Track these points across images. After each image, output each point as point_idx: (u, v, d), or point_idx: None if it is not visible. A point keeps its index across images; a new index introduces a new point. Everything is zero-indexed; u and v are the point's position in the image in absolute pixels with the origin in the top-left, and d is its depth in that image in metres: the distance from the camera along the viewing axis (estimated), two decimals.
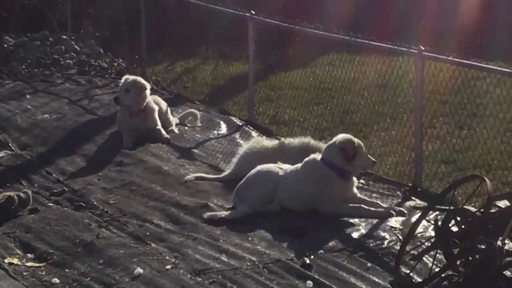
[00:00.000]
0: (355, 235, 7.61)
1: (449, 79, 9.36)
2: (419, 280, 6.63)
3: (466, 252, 6.46)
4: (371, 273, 6.81)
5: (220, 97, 13.18)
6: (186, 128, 11.36)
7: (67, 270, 6.99)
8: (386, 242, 7.41)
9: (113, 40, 17.11)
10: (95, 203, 8.56)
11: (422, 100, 8.96)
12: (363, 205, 8.02)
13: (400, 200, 8.55)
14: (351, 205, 8.03)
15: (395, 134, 10.68)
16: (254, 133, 11.03)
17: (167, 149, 10.39)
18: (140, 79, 10.83)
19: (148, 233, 7.72)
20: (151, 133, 10.69)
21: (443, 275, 6.53)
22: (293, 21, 11.09)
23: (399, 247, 7.05)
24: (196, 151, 10.35)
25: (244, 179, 8.32)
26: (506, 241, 6.18)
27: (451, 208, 6.72)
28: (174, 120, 11.33)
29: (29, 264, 7.16)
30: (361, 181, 8.84)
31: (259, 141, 9.46)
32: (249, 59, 11.74)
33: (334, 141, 8.11)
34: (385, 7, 17.02)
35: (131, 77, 10.86)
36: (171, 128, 11.07)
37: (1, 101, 12.84)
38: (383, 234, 7.58)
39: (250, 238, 7.54)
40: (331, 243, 7.40)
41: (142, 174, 9.41)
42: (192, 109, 11.79)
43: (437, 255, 6.73)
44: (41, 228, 7.87)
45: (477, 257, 6.30)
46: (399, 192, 8.77)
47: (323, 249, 7.27)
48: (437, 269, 6.63)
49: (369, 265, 6.96)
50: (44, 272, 6.99)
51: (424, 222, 7.34)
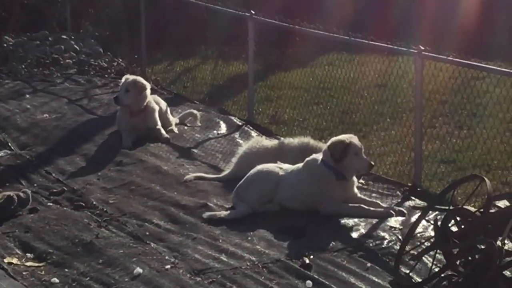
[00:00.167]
0: (355, 235, 7.60)
1: (449, 79, 9.35)
2: (419, 280, 6.62)
3: (465, 252, 6.46)
4: (371, 273, 6.80)
5: (219, 97, 13.17)
6: (185, 127, 11.35)
7: (66, 269, 6.98)
8: (385, 242, 7.41)
9: (112, 39, 17.09)
10: (94, 202, 8.56)
11: (421, 100, 8.96)
12: (362, 205, 8.02)
13: (399, 200, 8.54)
14: (350, 205, 8.03)
15: (394, 134, 10.68)
16: (253, 133, 11.02)
17: (167, 148, 10.39)
18: (140, 79, 10.83)
19: (147, 233, 7.71)
20: (151, 133, 10.69)
21: (442, 275, 6.53)
22: (293, 21, 11.08)
23: (398, 247, 7.05)
24: (195, 150, 10.35)
25: (244, 179, 8.32)
26: (505, 241, 6.18)
27: (451, 208, 6.72)
28: (173, 120, 11.33)
29: (29, 263, 7.15)
30: (361, 181, 8.83)
31: (258, 141, 9.45)
32: (249, 59, 11.73)
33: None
34: (385, 7, 17.01)
35: (131, 77, 10.86)
36: (170, 127, 11.06)
37: (0, 100, 12.83)
38: (382, 234, 7.57)
39: (249, 238, 7.53)
40: (331, 243, 7.39)
41: (141, 173, 9.41)
42: (192, 110, 11.78)
43: (437, 255, 6.72)
44: (40, 227, 7.86)
45: (477, 257, 6.30)
46: (398, 192, 8.77)
47: (323, 249, 7.26)
48: (436, 269, 6.62)
49: (369, 265, 6.95)
50: (43, 271, 6.99)
51: (423, 222, 7.34)
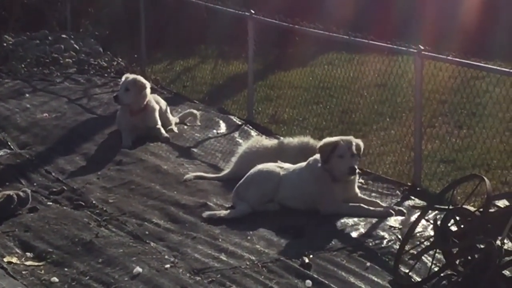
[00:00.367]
0: (354, 234, 7.60)
1: (449, 79, 9.35)
2: (418, 279, 6.63)
3: (465, 251, 6.46)
4: (370, 273, 6.81)
5: (219, 96, 13.17)
6: (185, 127, 11.35)
7: (66, 269, 6.98)
8: (385, 241, 7.41)
9: (112, 39, 17.10)
10: (94, 202, 8.56)
11: (421, 99, 8.96)
12: (362, 205, 8.02)
13: (399, 199, 8.54)
14: (350, 204, 8.03)
15: (394, 133, 10.68)
16: (253, 132, 11.03)
17: (167, 148, 10.39)
18: (140, 78, 10.83)
19: (147, 232, 7.72)
20: (151, 132, 10.69)
21: (442, 275, 6.53)
22: (293, 21, 11.08)
23: (398, 247, 7.05)
24: (195, 150, 10.35)
25: (244, 178, 8.32)
26: (505, 241, 6.19)
27: (450, 207, 6.72)
28: (173, 119, 11.33)
29: (28, 263, 7.15)
30: (361, 180, 8.83)
31: (258, 140, 9.46)
32: (249, 58, 11.74)
33: None
34: (386, 6, 17.02)
35: (131, 76, 10.86)
36: (170, 127, 11.07)
37: (0, 100, 12.84)
38: (382, 233, 7.57)
39: (249, 237, 7.53)
40: (330, 243, 7.40)
41: (141, 173, 9.41)
42: (192, 109, 11.78)
43: (436, 255, 6.73)
44: (40, 227, 7.86)
45: (476, 256, 6.30)
46: (398, 191, 8.77)
47: (322, 249, 7.26)
48: (436, 269, 6.62)
49: (368, 264, 6.96)
50: (43, 271, 6.99)
51: (423, 221, 7.34)
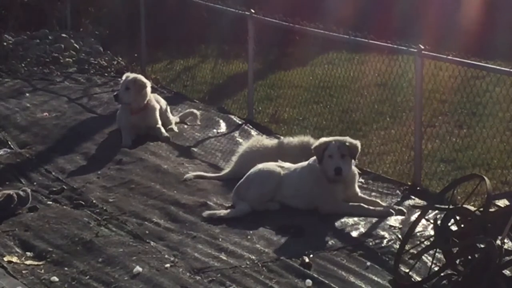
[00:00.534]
0: (355, 234, 7.60)
1: (449, 78, 9.36)
2: (418, 279, 6.62)
3: (465, 251, 6.45)
4: (370, 272, 6.81)
5: (219, 96, 13.17)
6: (185, 126, 11.35)
7: (66, 268, 6.98)
8: (385, 241, 7.41)
9: (112, 38, 17.09)
10: (94, 201, 8.56)
11: (421, 99, 8.96)
12: (362, 204, 8.02)
13: (399, 199, 8.55)
14: (350, 204, 8.03)
15: (394, 133, 10.68)
16: (253, 132, 11.02)
17: (167, 147, 10.39)
18: (140, 77, 10.83)
19: (147, 232, 7.71)
20: (151, 132, 10.69)
21: (442, 274, 6.52)
22: (293, 20, 11.08)
23: (398, 246, 7.05)
24: (195, 149, 10.35)
25: (244, 178, 8.31)
26: (505, 240, 6.18)
27: (451, 207, 6.71)
28: (173, 118, 11.33)
29: (28, 262, 7.15)
30: (361, 179, 8.82)
31: (258, 140, 9.46)
32: (249, 58, 11.73)
33: None
34: (386, 6, 17.02)
35: (132, 75, 10.87)
36: (170, 126, 11.06)
37: (0, 99, 12.83)
38: (382, 233, 7.57)
39: (249, 236, 7.53)
40: (331, 242, 7.40)
41: (141, 172, 9.41)
42: (192, 109, 11.78)
43: (437, 254, 6.73)
44: (40, 226, 7.86)
45: (477, 256, 6.30)
46: (398, 191, 8.77)
47: (323, 248, 7.26)
48: (436, 268, 6.61)
49: (368, 264, 6.96)
50: (43, 270, 6.98)
51: (423, 221, 7.34)
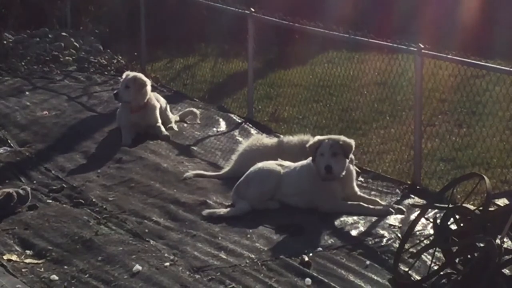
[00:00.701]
0: (354, 232, 7.60)
1: (448, 77, 9.36)
2: (418, 278, 6.63)
3: (465, 250, 6.45)
4: (370, 271, 6.81)
5: (219, 95, 13.16)
6: (185, 125, 11.35)
7: (66, 266, 6.98)
8: (385, 240, 7.41)
9: (112, 37, 17.08)
10: (94, 200, 8.56)
11: (421, 98, 8.96)
12: (362, 203, 8.02)
13: (399, 198, 8.55)
14: (350, 202, 8.03)
15: (394, 132, 10.67)
16: (253, 131, 11.02)
17: (166, 146, 10.38)
18: (140, 76, 10.83)
19: (147, 230, 7.72)
20: (151, 130, 10.69)
21: (441, 273, 6.53)
22: (293, 19, 11.08)
23: (398, 245, 7.04)
24: (195, 148, 10.35)
25: (244, 176, 8.31)
26: (505, 239, 6.18)
27: (450, 206, 6.72)
28: (173, 117, 11.33)
29: (28, 260, 7.15)
30: (360, 178, 8.83)
31: (258, 138, 9.46)
32: (249, 57, 11.73)
33: None
34: (387, 5, 17.01)
35: (132, 73, 10.87)
36: (170, 125, 11.06)
37: (0, 97, 12.83)
38: (382, 232, 7.58)
39: (249, 235, 7.53)
40: (330, 241, 7.40)
41: (141, 171, 9.41)
42: (192, 108, 11.77)
43: (436, 253, 6.72)
44: (40, 224, 7.87)
45: (476, 255, 6.30)
46: (398, 190, 8.77)
47: (322, 247, 7.27)
48: (435, 267, 6.62)
49: (368, 262, 6.96)
50: (43, 268, 6.99)
51: (423, 220, 7.33)
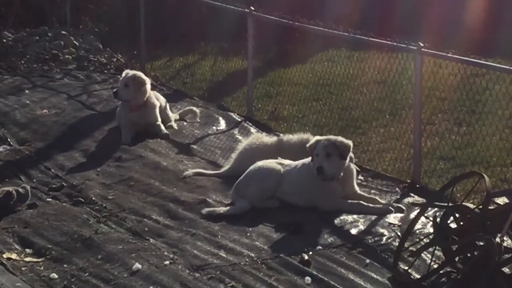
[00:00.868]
0: (354, 231, 7.60)
1: (448, 76, 9.35)
2: (418, 276, 6.63)
3: (464, 248, 6.46)
4: (370, 269, 6.81)
5: (219, 93, 13.16)
6: (185, 123, 11.35)
7: (65, 265, 6.99)
8: (384, 238, 7.41)
9: (112, 35, 17.06)
10: (93, 198, 8.56)
11: (421, 96, 8.96)
12: (361, 202, 8.02)
13: (398, 196, 8.54)
14: (349, 201, 8.03)
15: (394, 130, 10.67)
16: (253, 129, 11.02)
17: (166, 144, 10.38)
18: (140, 74, 10.82)
19: (146, 229, 7.72)
20: (151, 129, 10.69)
21: (441, 272, 6.53)
22: (293, 18, 11.07)
23: (397, 244, 7.05)
24: (195, 146, 10.34)
25: (244, 175, 8.31)
26: (504, 238, 6.18)
27: (450, 204, 6.72)
28: (173, 115, 11.33)
29: (28, 259, 7.15)
30: (360, 177, 8.83)
31: (258, 137, 9.46)
32: (248, 55, 11.72)
33: None
34: (387, 4, 17.00)
35: (131, 72, 10.86)
36: (170, 123, 11.06)
37: (0, 96, 12.83)
38: (381, 230, 7.58)
39: (248, 234, 7.53)
40: (330, 239, 7.40)
41: (140, 169, 9.41)
42: (192, 107, 11.77)
43: (436, 252, 6.73)
44: (39, 223, 7.87)
45: (476, 254, 6.30)
46: (397, 188, 8.77)
47: (322, 245, 7.27)
48: (435, 266, 6.62)
49: (368, 261, 6.96)
50: (42, 267, 6.99)
51: (422, 218, 7.33)
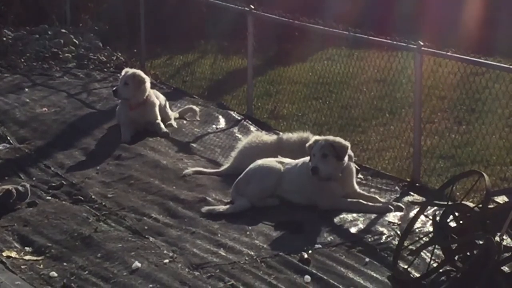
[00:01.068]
0: (353, 230, 7.60)
1: (448, 75, 9.34)
2: (417, 275, 6.63)
3: (464, 247, 6.46)
4: (369, 268, 6.81)
5: (219, 92, 13.16)
6: (184, 122, 11.34)
7: (65, 263, 6.99)
8: (384, 237, 7.41)
9: (112, 34, 17.05)
10: (93, 196, 8.56)
11: (421, 95, 8.96)
12: (361, 200, 8.02)
13: (398, 195, 8.55)
14: (349, 200, 8.03)
15: (393, 129, 10.67)
16: (252, 128, 11.01)
17: (166, 143, 10.38)
18: (139, 73, 10.83)
19: (146, 227, 7.72)
20: (150, 127, 10.69)
21: (441, 271, 6.54)
22: (292, 16, 11.06)
23: (397, 242, 7.05)
24: (194, 145, 10.34)
25: (244, 173, 8.31)
26: (504, 237, 6.19)
27: (449, 203, 6.72)
28: (172, 114, 11.33)
29: (27, 257, 7.15)
30: (360, 176, 8.83)
31: (258, 135, 9.45)
32: (248, 54, 11.72)
33: None
34: (387, 2, 17.00)
35: (131, 70, 10.86)
36: (169, 122, 11.06)
37: (0, 94, 12.83)
38: (381, 229, 7.58)
39: (248, 232, 7.54)
40: (329, 238, 7.40)
41: (140, 168, 9.41)
42: (191, 105, 11.77)
43: (435, 250, 6.73)
44: (39, 221, 7.87)
45: (475, 252, 6.30)
46: (397, 187, 8.77)
47: (321, 244, 7.27)
48: (435, 265, 6.63)
49: (367, 260, 6.96)
50: (42, 265, 6.99)
51: (422, 217, 7.33)
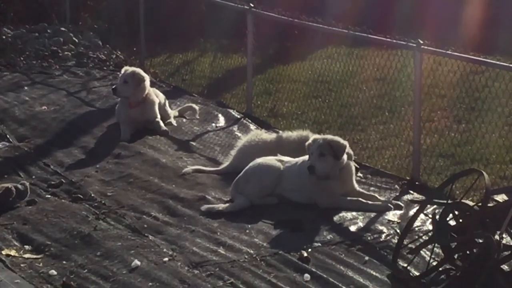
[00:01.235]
0: (353, 228, 7.60)
1: (448, 73, 9.34)
2: (417, 273, 6.63)
3: (463, 246, 6.46)
4: (369, 267, 6.81)
5: (218, 90, 13.15)
6: (184, 120, 11.34)
7: (64, 262, 6.99)
8: (383, 235, 7.41)
9: (111, 32, 17.06)
10: (92, 195, 8.56)
11: (420, 94, 8.95)
12: (360, 199, 8.02)
13: (398, 193, 8.54)
14: (348, 198, 8.03)
15: (393, 127, 10.67)
16: (252, 126, 11.01)
17: (165, 141, 10.38)
18: (139, 71, 10.82)
19: (145, 226, 7.72)
20: (150, 125, 10.68)
21: (440, 269, 6.54)
22: (292, 14, 11.06)
23: (396, 241, 7.05)
24: (194, 143, 10.34)
25: (243, 172, 8.31)
26: (503, 235, 6.19)
27: (449, 202, 6.72)
28: (172, 112, 11.32)
29: (27, 255, 7.15)
30: (359, 174, 8.83)
31: (257, 134, 9.45)
32: (248, 52, 11.72)
33: None
34: (386, 1, 17.00)
35: (130, 69, 10.86)
36: (169, 120, 11.06)
37: None
38: (380, 227, 7.58)
39: (247, 231, 7.54)
40: (329, 237, 7.40)
41: (140, 166, 9.40)
42: (191, 104, 11.77)
43: (435, 249, 6.73)
44: (38, 220, 7.86)
45: (475, 251, 6.31)
46: (397, 185, 8.77)
47: (321, 242, 7.27)
48: (434, 263, 6.63)
49: (367, 258, 6.96)
50: (41, 263, 6.99)
51: (422, 215, 7.33)
